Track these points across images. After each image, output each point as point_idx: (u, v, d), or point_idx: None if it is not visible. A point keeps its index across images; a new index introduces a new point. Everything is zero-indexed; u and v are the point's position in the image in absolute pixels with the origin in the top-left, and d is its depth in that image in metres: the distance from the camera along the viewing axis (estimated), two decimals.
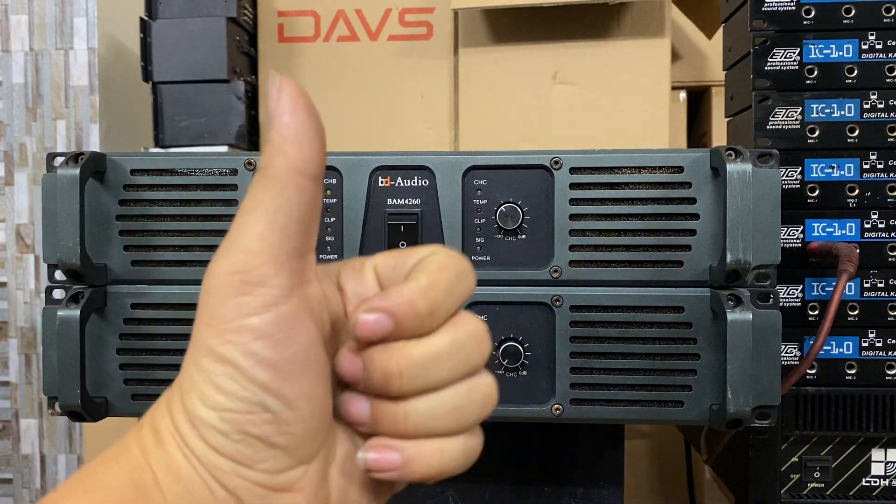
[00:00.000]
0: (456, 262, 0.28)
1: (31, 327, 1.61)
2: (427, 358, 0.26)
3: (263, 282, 0.25)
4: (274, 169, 0.25)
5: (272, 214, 0.25)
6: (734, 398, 0.44)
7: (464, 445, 0.28)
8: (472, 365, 0.28)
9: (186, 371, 0.26)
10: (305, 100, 0.26)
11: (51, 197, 0.47)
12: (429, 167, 0.49)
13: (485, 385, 0.28)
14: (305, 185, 0.26)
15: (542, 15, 0.97)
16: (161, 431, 0.26)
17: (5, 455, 1.62)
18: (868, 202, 0.57)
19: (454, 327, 0.27)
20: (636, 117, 0.96)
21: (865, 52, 0.57)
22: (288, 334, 0.25)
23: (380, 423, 0.27)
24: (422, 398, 0.27)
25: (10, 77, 1.60)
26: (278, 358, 0.25)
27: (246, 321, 0.25)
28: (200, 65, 0.98)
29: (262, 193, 0.26)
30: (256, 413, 0.25)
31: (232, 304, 0.25)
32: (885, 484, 0.58)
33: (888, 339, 0.57)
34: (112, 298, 0.49)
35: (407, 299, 0.26)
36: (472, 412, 0.28)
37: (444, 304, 0.27)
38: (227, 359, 0.25)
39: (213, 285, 0.25)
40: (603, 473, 0.58)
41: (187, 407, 0.26)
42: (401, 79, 1.03)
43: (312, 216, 0.26)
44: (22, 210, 1.62)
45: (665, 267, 0.47)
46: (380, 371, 0.26)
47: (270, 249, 0.25)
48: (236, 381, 0.25)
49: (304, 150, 0.26)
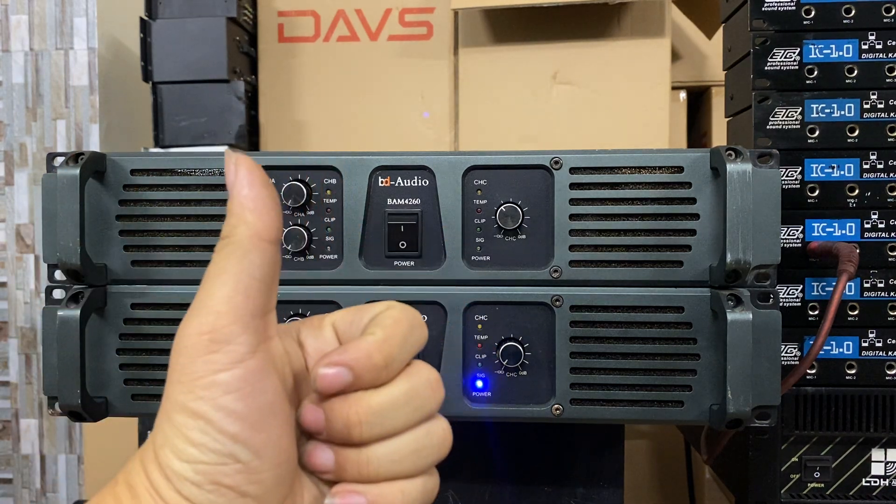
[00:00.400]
0: (409, 315, 0.31)
1: (31, 327, 1.61)
2: (385, 406, 0.28)
3: (230, 340, 0.27)
4: (237, 236, 0.28)
5: (237, 277, 0.27)
6: (734, 398, 0.44)
7: (423, 486, 0.30)
8: (428, 410, 0.30)
9: (160, 428, 0.27)
10: (261, 173, 0.29)
11: (51, 197, 0.47)
12: (429, 167, 0.49)
13: (440, 429, 0.30)
14: (266, 248, 0.28)
15: (542, 15, 0.97)
16: (136, 487, 0.27)
17: (5, 455, 1.62)
18: (868, 202, 0.57)
19: (409, 377, 0.29)
20: (636, 117, 0.96)
21: (865, 52, 0.57)
22: (255, 387, 0.27)
23: (344, 470, 0.29)
24: (382, 444, 0.29)
25: (10, 77, 1.60)
26: (247, 410, 0.26)
27: (216, 377, 0.26)
28: (200, 65, 0.98)
29: (227, 259, 0.28)
30: (228, 464, 0.26)
31: (201, 361, 0.26)
32: (885, 484, 0.58)
33: (888, 339, 0.57)
34: (112, 298, 0.49)
35: (364, 353, 0.28)
36: (430, 454, 0.30)
37: (399, 355, 0.29)
38: (198, 413, 0.26)
39: (183, 346, 0.27)
40: (603, 473, 0.58)
41: (161, 461, 0.27)
42: (401, 79, 1.03)
43: (273, 278, 0.28)
44: (22, 210, 1.62)
45: (665, 267, 0.47)
46: (341, 421, 0.28)
47: (236, 310, 0.27)
48: (208, 433, 0.26)
49: (263, 217, 0.28)
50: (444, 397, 0.31)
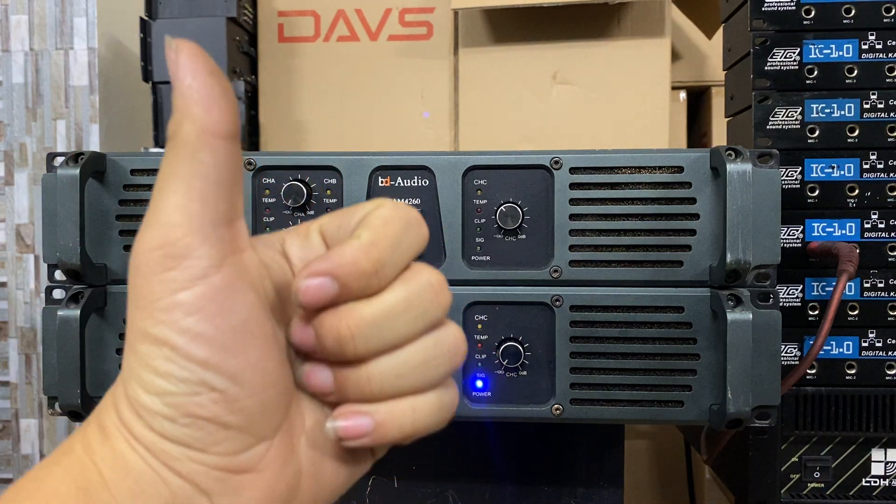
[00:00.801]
0: (402, 213, 0.27)
1: (31, 327, 1.61)
2: (379, 317, 0.25)
3: (188, 253, 0.23)
4: (182, 134, 0.24)
5: (188, 182, 0.24)
6: (734, 398, 0.44)
7: (437, 400, 0.27)
8: (431, 317, 0.26)
9: (126, 360, 0.25)
10: (206, 60, 0.25)
11: (51, 197, 0.47)
12: (429, 167, 0.49)
13: (450, 336, 0.27)
14: (219, 145, 0.24)
15: (542, 15, 0.97)
16: (107, 426, 0.25)
17: (5, 455, 1.62)
18: (868, 202, 0.57)
19: (406, 282, 0.26)
20: (636, 117, 0.96)
21: (865, 52, 0.57)
22: (223, 306, 0.24)
23: (345, 390, 0.26)
24: (383, 358, 0.26)
25: (10, 77, 1.60)
26: (215, 332, 0.24)
27: (175, 297, 0.23)
28: None
29: (174, 162, 0.24)
30: (201, 394, 0.24)
31: (158, 281, 0.23)
32: (885, 484, 0.58)
33: (888, 339, 0.57)
34: (112, 298, 0.49)
35: (349, 259, 0.25)
36: (441, 364, 0.26)
37: (390, 259, 0.26)
38: (161, 339, 0.23)
39: (137, 265, 0.24)
40: (603, 473, 0.58)
41: (130, 396, 0.24)
42: (401, 79, 1.03)
43: (233, 180, 0.25)
44: (22, 210, 1.62)
45: (665, 267, 0.47)
46: (332, 337, 0.25)
47: (191, 219, 0.24)
48: (174, 361, 0.23)
49: (210, 110, 0.24)
50: (450, 301, 0.27)
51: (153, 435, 0.24)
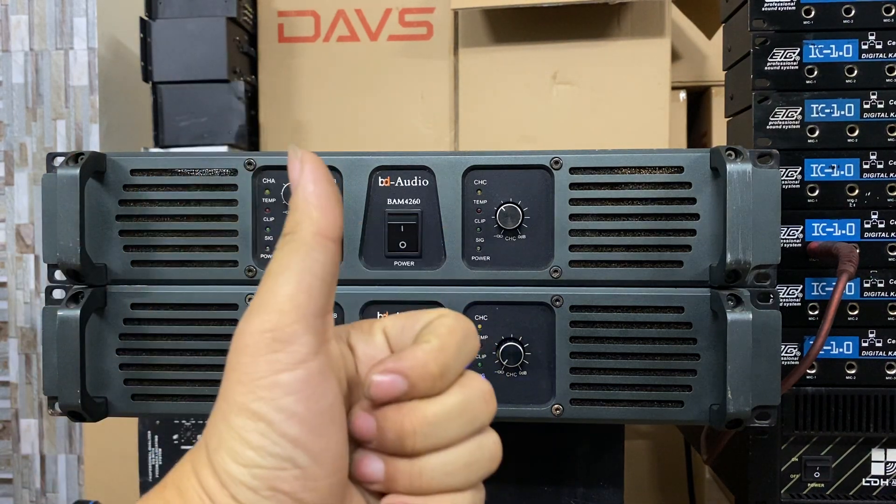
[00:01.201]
0: (463, 324, 0.30)
1: (31, 327, 1.61)
2: (439, 417, 0.28)
3: (293, 340, 0.26)
4: (301, 233, 0.27)
5: (300, 276, 0.27)
6: (734, 398, 0.44)
7: (472, 499, 0.29)
8: (481, 423, 0.29)
9: (214, 429, 0.27)
10: (325, 170, 0.28)
11: (51, 197, 0.47)
12: (429, 167, 0.49)
13: (491, 442, 0.30)
14: (329, 247, 0.27)
15: (542, 15, 0.97)
16: (187, 491, 0.26)
17: (5, 455, 1.62)
18: (868, 202, 0.57)
19: (463, 387, 0.29)
20: (636, 117, 0.96)
21: (865, 52, 0.57)
22: (316, 390, 0.26)
23: (394, 481, 0.28)
24: (435, 455, 0.28)
25: (10, 77, 1.60)
26: (308, 413, 0.26)
27: (278, 377, 0.26)
28: (200, 65, 0.98)
29: (290, 256, 0.27)
30: (286, 469, 0.25)
31: (264, 361, 0.26)
32: (885, 484, 0.58)
33: (888, 339, 0.57)
34: (112, 298, 0.49)
35: (421, 361, 0.27)
36: (481, 468, 0.29)
37: (454, 365, 0.28)
38: (259, 415, 0.25)
39: (245, 344, 0.26)
40: (603, 473, 0.58)
41: (216, 465, 0.26)
42: (401, 79, 1.03)
43: (334, 277, 0.28)
44: (22, 210, 1.62)
45: (665, 267, 0.47)
46: (394, 431, 0.27)
47: (299, 309, 0.26)
48: (267, 436, 0.25)
49: (327, 214, 0.27)
50: (496, 410, 0.30)
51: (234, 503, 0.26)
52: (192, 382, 0.49)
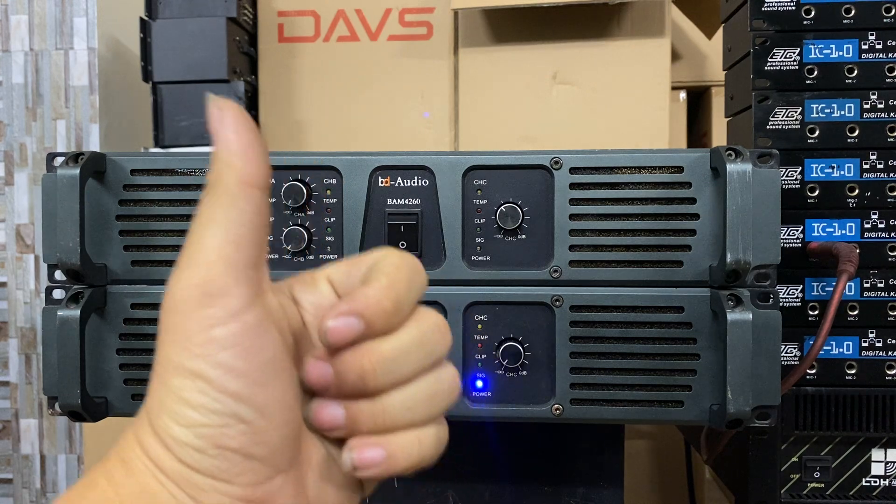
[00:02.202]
0: (409, 260, 0.30)
1: (31, 327, 1.61)
2: (397, 352, 0.27)
3: (225, 292, 0.25)
4: (224, 183, 0.27)
5: (226, 226, 0.26)
6: (734, 398, 0.44)
7: (436, 433, 0.29)
8: (438, 356, 0.29)
9: (154, 394, 0.26)
10: (247, 118, 0.27)
11: (51, 197, 0.47)
12: (429, 167, 0.49)
13: (449, 374, 0.30)
14: (255, 195, 0.27)
15: (542, 15, 0.97)
16: (131, 461, 0.26)
17: (5, 455, 1.61)
18: (868, 202, 0.57)
19: (418, 322, 0.29)
20: (636, 117, 0.96)
21: (865, 52, 0.57)
22: (254, 343, 0.26)
23: (357, 423, 0.27)
24: (396, 392, 0.28)
25: (10, 77, 1.60)
26: (247, 367, 0.25)
27: (212, 333, 0.25)
28: (200, 65, 0.98)
29: (214, 208, 0.27)
30: (231, 425, 0.25)
31: (195, 317, 0.25)
32: (885, 484, 0.58)
33: (888, 339, 0.57)
34: (112, 298, 0.49)
35: (374, 299, 0.27)
36: (442, 400, 0.29)
37: (405, 300, 0.28)
38: (196, 373, 0.25)
39: (174, 302, 0.26)
40: (603, 473, 0.58)
41: (158, 429, 0.25)
42: (401, 79, 1.03)
43: (264, 227, 0.27)
44: (22, 210, 1.62)
45: (665, 267, 0.47)
46: (354, 371, 0.27)
47: (228, 261, 0.26)
48: (207, 394, 0.25)
49: (250, 162, 0.27)
50: (451, 342, 0.30)
51: (182, 467, 0.25)
52: None
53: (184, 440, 0.25)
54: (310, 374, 0.28)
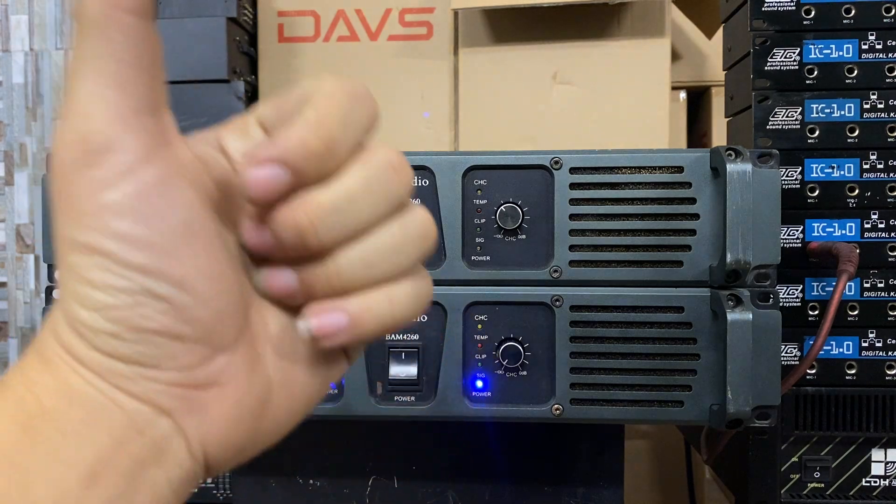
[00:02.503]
0: (347, 87, 0.24)
1: (31, 327, 1.61)
2: (338, 201, 0.23)
3: (109, 147, 0.21)
4: (87, 12, 0.21)
5: (99, 65, 0.21)
6: (734, 398, 0.44)
7: (412, 289, 0.25)
8: (395, 198, 0.24)
9: (60, 276, 0.22)
10: None
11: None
12: (429, 167, 0.49)
13: (417, 218, 0.25)
14: (130, 22, 0.21)
15: (542, 15, 0.97)
16: (47, 354, 0.22)
17: None
18: (868, 202, 0.57)
19: (363, 162, 0.24)
20: (636, 117, 0.96)
21: (865, 52, 0.57)
22: (157, 205, 0.21)
23: (312, 288, 0.24)
24: (349, 247, 0.23)
25: (10, 77, 1.60)
26: (151, 234, 0.21)
27: (102, 198, 0.21)
28: (200, 65, 0.98)
29: (82, 45, 0.21)
30: (145, 304, 0.21)
31: (80, 181, 0.21)
32: (885, 484, 0.58)
33: (888, 339, 0.57)
34: None
35: (297, 140, 0.22)
36: (410, 250, 0.24)
37: (342, 137, 0.23)
38: (91, 247, 0.21)
39: (55, 166, 0.21)
40: (603, 473, 0.58)
41: (68, 315, 0.21)
42: (401, 79, 1.03)
43: (152, 63, 0.22)
44: (22, 210, 1.62)
45: (665, 267, 0.47)
46: (290, 229, 0.22)
47: (108, 107, 0.21)
48: (109, 270, 0.21)
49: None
50: (412, 179, 0.25)
51: (99, 355, 0.21)
52: None
53: (94, 326, 0.21)
54: (245, 236, 0.24)
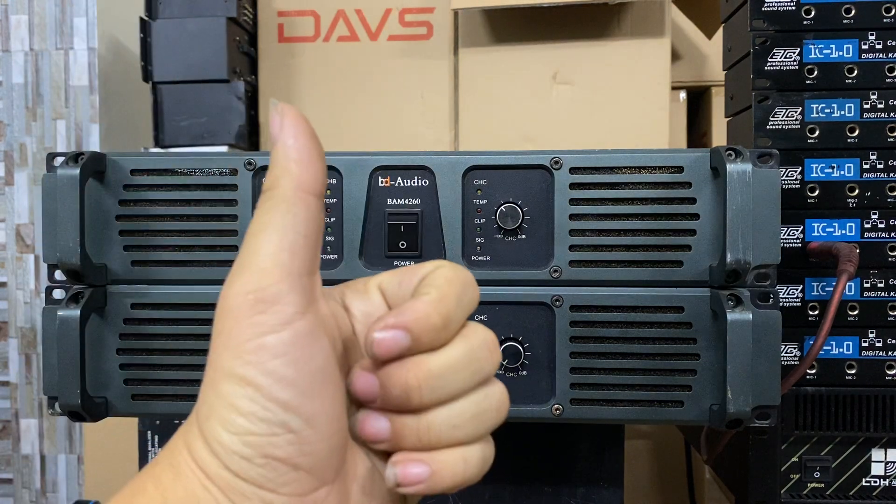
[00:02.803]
0: (461, 274, 0.29)
1: (31, 327, 1.61)
2: (444, 369, 0.27)
3: (278, 299, 0.25)
4: (281, 188, 0.26)
5: (281, 232, 0.26)
6: (734, 398, 0.44)
7: (482, 452, 0.28)
8: (486, 373, 0.28)
9: (204, 399, 0.26)
10: (307, 124, 0.28)
11: (51, 197, 0.47)
12: (429, 167, 0.49)
13: (498, 392, 0.29)
14: (311, 202, 0.26)
15: (542, 15, 0.97)
16: (179, 466, 0.26)
17: (5, 455, 1.61)
18: (868, 202, 0.57)
19: (466, 338, 0.28)
20: (636, 117, 0.96)
21: (865, 52, 0.57)
22: (305, 351, 0.25)
23: (401, 438, 0.27)
24: (441, 408, 0.27)
25: (10, 77, 1.60)
26: (297, 375, 0.25)
27: (264, 340, 0.25)
28: (200, 65, 0.98)
29: (270, 213, 0.26)
30: (279, 434, 0.25)
31: (248, 324, 0.25)
32: (885, 484, 0.58)
33: (888, 339, 0.57)
34: (112, 298, 0.49)
35: (422, 313, 0.26)
36: (489, 419, 0.28)
37: (455, 315, 0.28)
38: (247, 379, 0.25)
39: (228, 307, 0.25)
40: (603, 473, 0.58)
41: (207, 435, 0.25)
42: (401, 79, 1.03)
43: (318, 234, 0.27)
44: (22, 210, 1.62)
45: (665, 267, 0.47)
46: (399, 387, 0.26)
47: (282, 267, 0.25)
48: (257, 401, 0.25)
49: (308, 168, 0.27)
50: (500, 360, 0.29)
51: (228, 474, 0.25)
52: (192, 382, 0.49)
53: (231, 447, 0.25)
54: (355, 384, 0.27)
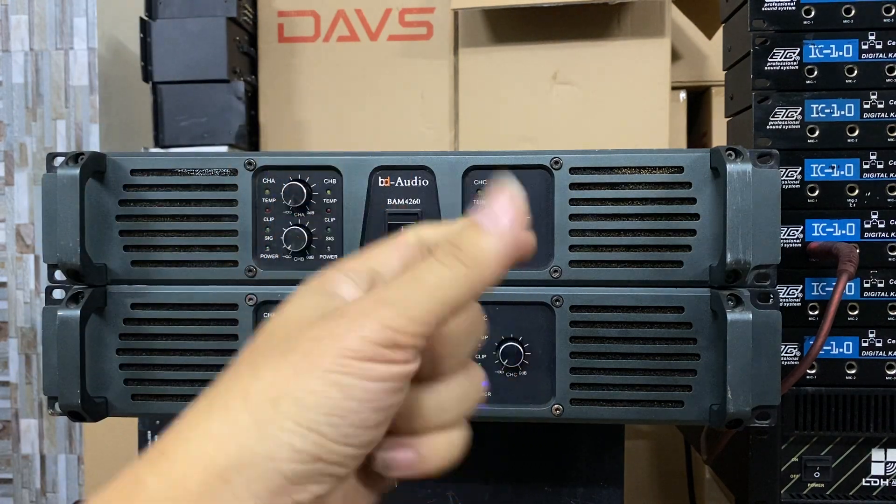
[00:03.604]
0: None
1: (31, 327, 1.61)
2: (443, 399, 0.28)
3: (405, 350, 0.25)
4: (482, 267, 0.29)
5: (453, 300, 0.28)
6: (734, 398, 0.44)
7: (462, 436, 0.29)
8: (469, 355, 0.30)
9: (275, 374, 0.25)
10: (523, 217, 0.28)
11: (51, 197, 0.47)
12: (429, 167, 0.49)
13: (478, 374, 0.30)
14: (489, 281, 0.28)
15: (542, 15, 0.97)
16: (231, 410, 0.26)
17: (5, 455, 1.61)
18: (868, 202, 0.57)
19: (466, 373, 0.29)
20: (636, 117, 0.96)
21: (865, 52, 0.57)
22: (393, 401, 0.26)
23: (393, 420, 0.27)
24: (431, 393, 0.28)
25: (10, 77, 1.60)
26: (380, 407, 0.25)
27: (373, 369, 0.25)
28: (200, 65, 0.98)
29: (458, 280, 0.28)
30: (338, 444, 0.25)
31: (371, 351, 0.25)
32: (885, 484, 0.58)
33: (888, 339, 0.57)
34: (112, 298, 0.49)
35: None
36: (471, 399, 0.29)
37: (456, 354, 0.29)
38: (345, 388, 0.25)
39: (356, 318, 0.25)
40: (603, 473, 0.58)
41: (279, 399, 0.25)
42: (401, 79, 1.03)
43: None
44: (22, 210, 1.62)
45: (665, 267, 0.47)
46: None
47: (428, 328, 0.26)
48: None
49: (503, 265, 0.28)
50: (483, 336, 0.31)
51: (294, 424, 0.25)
52: (192, 382, 0.49)
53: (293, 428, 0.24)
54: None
